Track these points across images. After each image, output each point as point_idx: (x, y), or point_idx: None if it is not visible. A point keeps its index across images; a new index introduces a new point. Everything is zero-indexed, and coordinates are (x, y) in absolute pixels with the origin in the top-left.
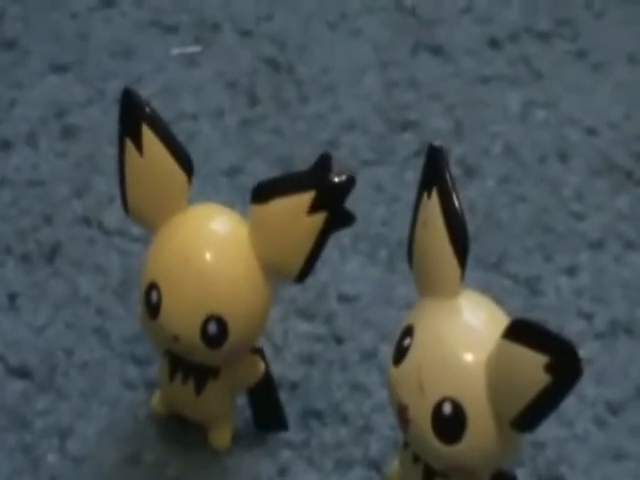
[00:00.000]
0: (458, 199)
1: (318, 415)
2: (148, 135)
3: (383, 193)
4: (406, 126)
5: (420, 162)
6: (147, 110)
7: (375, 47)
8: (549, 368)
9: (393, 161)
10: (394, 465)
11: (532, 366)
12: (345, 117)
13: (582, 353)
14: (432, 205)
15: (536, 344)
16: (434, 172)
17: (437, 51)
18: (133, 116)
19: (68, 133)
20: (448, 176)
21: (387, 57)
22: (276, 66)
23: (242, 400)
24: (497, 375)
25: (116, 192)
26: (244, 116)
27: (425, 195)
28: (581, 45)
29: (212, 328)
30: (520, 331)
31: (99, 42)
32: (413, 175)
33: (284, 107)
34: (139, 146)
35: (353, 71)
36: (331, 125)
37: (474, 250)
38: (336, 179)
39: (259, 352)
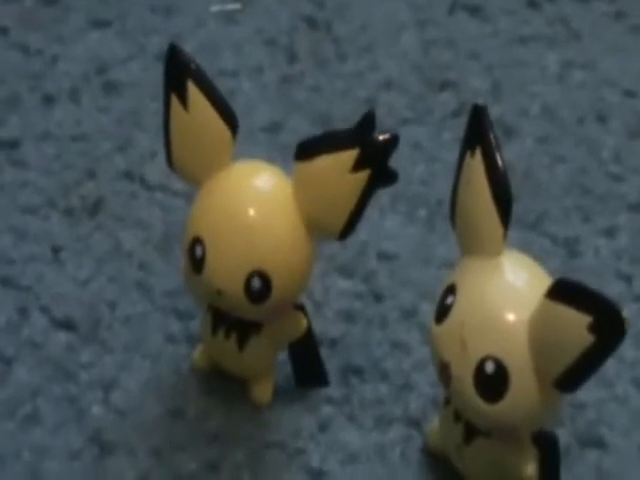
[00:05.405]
0: (501, 159)
1: (358, 372)
2: (193, 91)
3: (422, 152)
4: (444, 85)
5: (458, 122)
6: (192, 66)
7: (413, 6)
8: (593, 328)
9: (431, 120)
10: (434, 423)
11: (575, 326)
12: (383, 76)
13: (625, 313)
14: (475, 164)
15: (580, 304)
16: (478, 131)
17: (475, 10)
18: (178, 72)
19: (110, 89)
20: (492, 136)
21: (425, 16)
22: (314, 24)
23: (283, 355)
24: (540, 335)
25: (158, 147)
26: (283, 73)
27: (468, 154)
28: (619, 6)
29: (256, 283)
30: (564, 291)
31: None
32: (451, 135)
33: (323, 65)
34: (184, 102)
35: (391, 30)
36: (369, 83)
37: (513, 210)
38: (380, 137)
39: (301, 308)
